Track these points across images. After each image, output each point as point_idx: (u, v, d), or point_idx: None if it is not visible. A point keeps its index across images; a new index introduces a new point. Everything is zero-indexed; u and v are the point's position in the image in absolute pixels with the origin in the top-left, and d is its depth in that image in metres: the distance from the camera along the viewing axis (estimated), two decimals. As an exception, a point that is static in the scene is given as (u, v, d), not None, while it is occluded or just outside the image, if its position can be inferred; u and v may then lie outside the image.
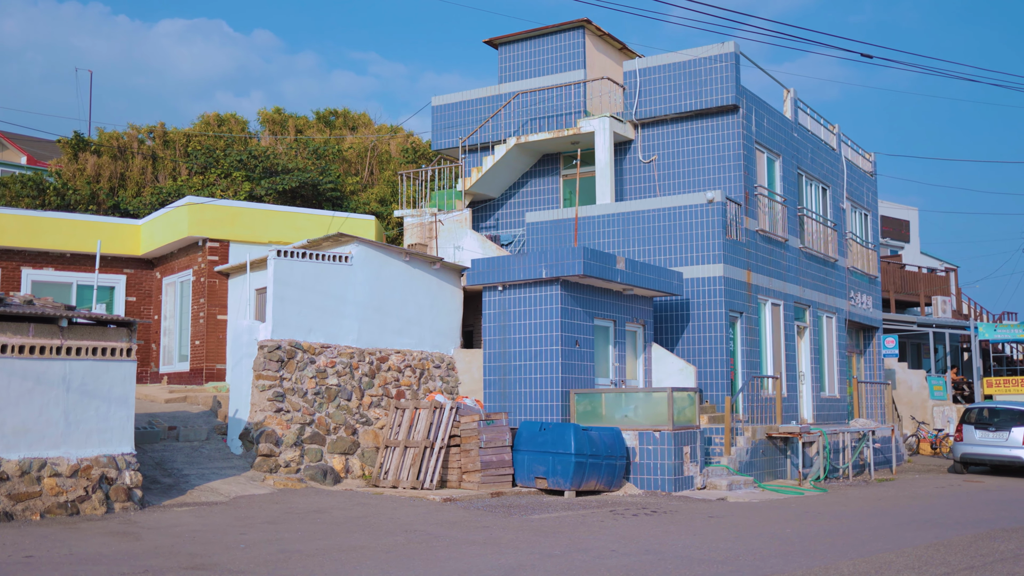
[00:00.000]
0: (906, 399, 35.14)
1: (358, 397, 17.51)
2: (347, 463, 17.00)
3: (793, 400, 24.87)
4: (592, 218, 23.24)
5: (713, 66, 23.21)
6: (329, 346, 17.32)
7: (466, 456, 16.31)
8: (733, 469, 18.64)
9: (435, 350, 19.19)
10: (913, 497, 18.38)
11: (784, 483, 19.74)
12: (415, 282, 18.91)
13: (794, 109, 26.58)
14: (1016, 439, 23.57)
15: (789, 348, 24.92)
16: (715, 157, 23.28)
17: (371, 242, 18.29)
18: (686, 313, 22.00)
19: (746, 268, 22.81)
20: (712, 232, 21.78)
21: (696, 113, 23.50)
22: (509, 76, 26.36)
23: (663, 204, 22.43)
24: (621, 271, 18.79)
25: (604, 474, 16.41)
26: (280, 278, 16.83)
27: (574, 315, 18.46)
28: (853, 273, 30.19)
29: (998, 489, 20.63)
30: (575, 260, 17.75)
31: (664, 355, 20.81)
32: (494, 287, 19.00)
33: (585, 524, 13.12)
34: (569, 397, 18.04)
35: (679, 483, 17.04)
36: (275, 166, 32.16)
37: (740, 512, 14.90)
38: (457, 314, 19.67)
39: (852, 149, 31.87)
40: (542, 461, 16.25)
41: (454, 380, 19.22)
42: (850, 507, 16.23)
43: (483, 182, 25.44)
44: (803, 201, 26.84)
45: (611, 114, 23.64)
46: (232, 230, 22.36)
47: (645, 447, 17.19)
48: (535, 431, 16.49)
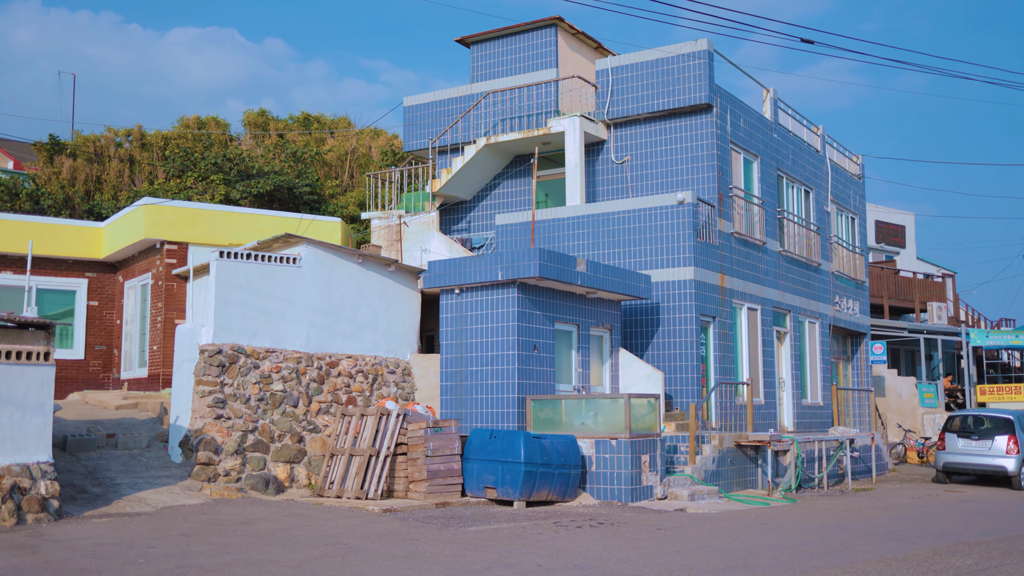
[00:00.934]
0: (896, 407, 34.42)
1: (305, 403, 16.90)
2: (292, 472, 16.38)
3: (772, 408, 24.20)
4: (562, 220, 22.63)
5: (686, 64, 22.60)
6: (275, 350, 16.71)
7: (413, 465, 15.69)
8: (697, 478, 17.98)
9: (390, 355, 18.58)
10: (885, 508, 17.71)
11: (752, 493, 19.08)
12: (369, 285, 18.31)
13: (774, 109, 25.94)
14: (1000, 448, 22.86)
15: (767, 354, 24.25)
16: (688, 158, 22.65)
17: (321, 243, 17.69)
18: (656, 317, 21.36)
19: (720, 271, 22.17)
20: (683, 234, 21.15)
21: (669, 112, 22.88)
22: (481, 76, 25.77)
23: (633, 205, 21.81)
24: (582, 273, 18.17)
25: (557, 484, 15.77)
26: (223, 280, 16.24)
27: (532, 319, 17.84)
28: (838, 278, 29.51)
29: (977, 500, 19.94)
30: (531, 262, 17.14)
31: (632, 360, 20.17)
32: (451, 290, 18.39)
33: (522, 537, 12.49)
34: (526, 404, 17.41)
35: (636, 493, 16.39)
36: (250, 169, 31.61)
37: (693, 524, 14.25)
38: (414, 318, 19.06)
39: (838, 151, 31.21)
40: (492, 470, 15.62)
41: (410, 386, 18.60)
42: (813, 519, 15.57)
43: (454, 184, 24.84)
44: (783, 203, 26.19)
45: (582, 114, 23.04)
46: (191, 232, 21.79)
47: (601, 456, 16.54)
48: (485, 439, 15.86)
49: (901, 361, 42.99)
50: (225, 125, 38.01)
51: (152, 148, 35.15)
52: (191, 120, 37.72)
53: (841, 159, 31.53)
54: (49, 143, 33.72)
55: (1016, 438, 22.79)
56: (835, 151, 30.81)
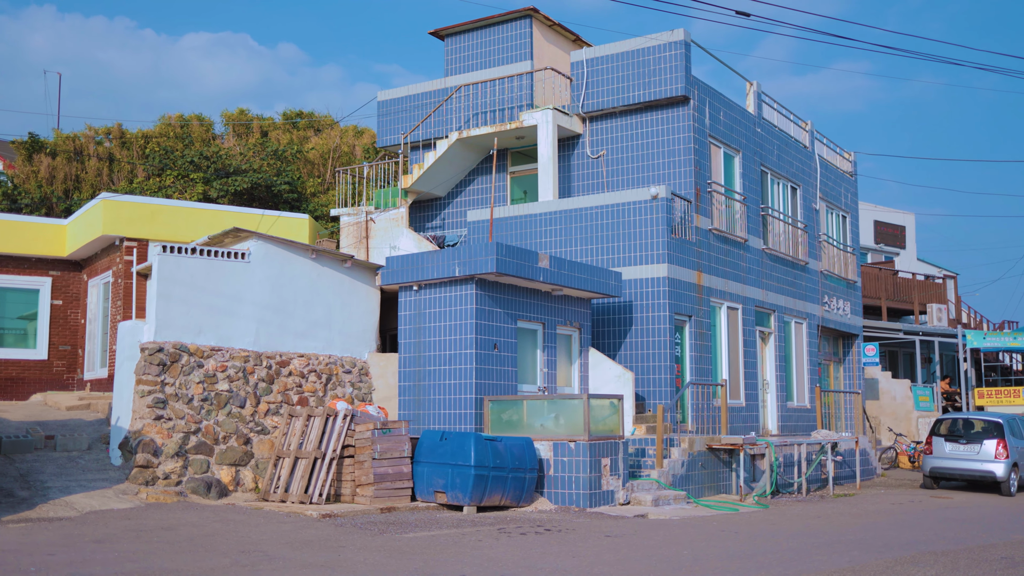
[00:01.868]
0: (890, 410, 33.61)
1: (253, 404, 16.24)
2: (238, 475, 15.72)
3: (754, 410, 23.46)
4: (533, 216, 21.96)
5: (662, 55, 21.90)
6: (221, 349, 16.06)
7: (360, 468, 15.01)
8: (664, 483, 17.27)
9: (346, 354, 17.91)
10: (861, 515, 16.96)
11: (724, 498, 18.35)
12: (324, 281, 17.65)
13: (758, 103, 25.22)
14: (988, 452, 22.06)
15: (749, 355, 23.51)
16: (665, 152, 21.95)
17: (272, 238, 17.04)
18: (629, 316, 20.66)
19: (696, 269, 21.45)
20: (656, 230, 20.45)
21: (646, 105, 22.18)
22: (455, 69, 25.12)
23: (606, 201, 21.11)
24: (544, 270, 17.48)
25: (510, 488, 15.07)
26: (165, 276, 15.60)
27: (492, 316, 17.16)
28: (828, 277, 28.75)
29: (961, 506, 19.18)
30: (488, 257, 16.45)
31: (601, 360, 19.47)
32: (409, 287, 17.72)
33: (458, 544, 11.80)
34: (483, 405, 16.73)
35: (596, 498, 15.68)
36: (228, 167, 31.00)
37: (647, 531, 13.53)
38: (372, 316, 18.39)
39: (828, 147, 30.45)
40: (442, 474, 14.93)
41: (367, 387, 17.93)
42: (778, 526, 14.84)
43: (427, 180, 24.18)
44: (768, 200, 25.45)
45: (555, 107, 22.36)
46: (151, 228, 21.16)
47: (559, 459, 15.84)
48: (436, 441, 15.18)
49: (899, 364, 42.18)
50: (209, 123, 37.46)
51: (132, 147, 34.59)
52: (174, 118, 37.16)
53: (832, 156, 30.76)
54: (28, 141, 33.19)
55: (1005, 442, 21.99)
56: (825, 147, 30.04)
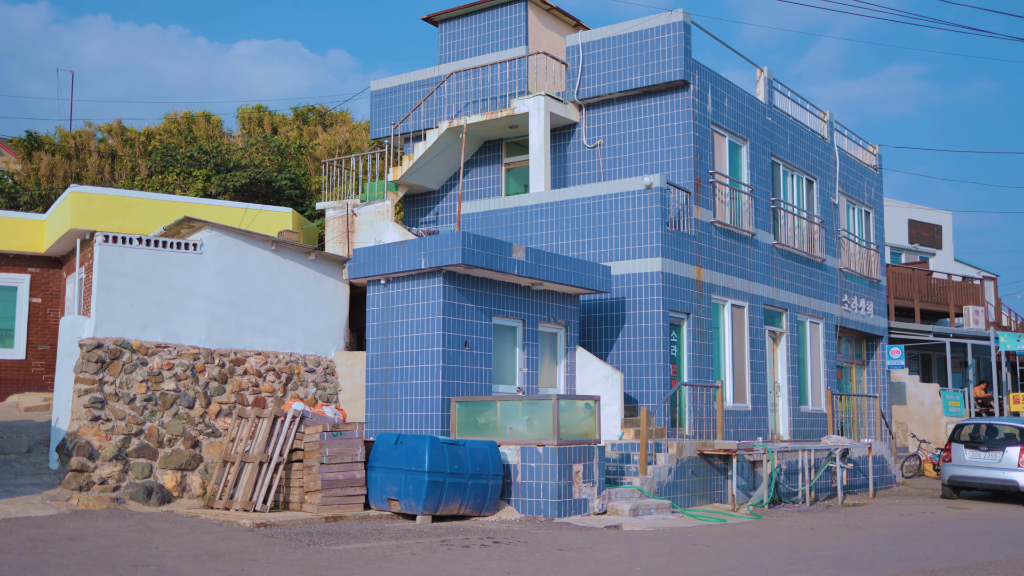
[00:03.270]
0: (918, 415, 32.01)
1: (203, 404, 15.23)
2: (184, 480, 14.72)
3: (761, 414, 22.12)
4: (524, 208, 20.81)
5: (660, 37, 20.67)
6: (167, 345, 15.07)
7: (308, 473, 13.94)
8: (647, 491, 16.02)
9: (310, 352, 16.86)
10: (860, 527, 15.60)
11: (715, 508, 17.05)
12: (285, 275, 16.62)
13: (768, 91, 23.88)
14: (1011, 460, 20.53)
15: (757, 356, 22.17)
16: (664, 140, 20.71)
17: (228, 228, 16.04)
18: (621, 313, 19.44)
19: (695, 264, 20.18)
20: (650, 222, 19.22)
21: (644, 91, 20.96)
22: (449, 56, 24.04)
23: (599, 191, 19.92)
24: (520, 262, 16.32)
25: (471, 496, 13.92)
26: (107, 267, 14.65)
27: (463, 312, 16.03)
28: (848, 275, 27.30)
29: (976, 518, 17.72)
30: (453, 247, 15.33)
31: (589, 360, 18.28)
32: (377, 280, 16.65)
33: (387, 559, 10.67)
34: (450, 406, 15.60)
35: (566, 507, 14.48)
36: (227, 162, 30.16)
37: (608, 544, 12.31)
38: (340, 312, 17.33)
39: (850, 140, 28.99)
40: (395, 480, 13.81)
41: (333, 387, 16.87)
42: (761, 539, 13.55)
43: (418, 172, 23.11)
44: (780, 193, 24.10)
45: (548, 93, 21.19)
46: (123, 222, 20.27)
47: (527, 464, 14.66)
48: (390, 445, 14.06)
49: (932, 368, 40.47)
50: (217, 121, 36.69)
51: (134, 144, 33.89)
52: (181, 116, 36.44)
53: (854, 148, 29.30)
54: (28, 139, 32.60)
55: (1030, 449, 20.47)
56: (845, 139, 28.60)
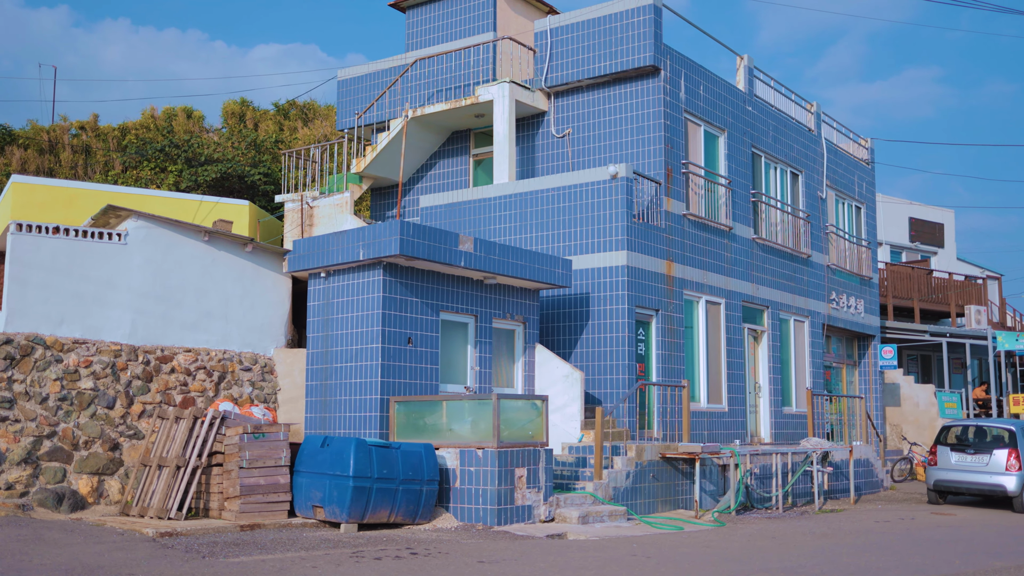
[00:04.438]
0: (912, 417, 30.93)
1: (125, 404, 14.35)
2: (101, 485, 13.84)
3: (739, 416, 21.14)
4: (488, 200, 19.89)
5: (630, 21, 19.73)
6: (86, 341, 14.21)
7: (227, 478, 13.05)
8: (602, 497, 15.07)
9: (246, 349, 15.97)
10: (827, 535, 14.61)
11: (677, 515, 16.09)
12: (220, 267, 15.74)
13: (749, 80, 22.90)
14: (998, 463, 19.49)
15: (735, 355, 21.19)
16: (634, 129, 19.77)
17: (156, 217, 15.17)
18: (585, 310, 18.49)
19: (666, 258, 19.22)
20: (615, 213, 18.28)
21: (614, 77, 20.02)
22: (417, 43, 23.15)
23: (563, 182, 18.99)
24: (468, 254, 15.38)
25: (402, 503, 13.00)
26: (19, 258, 13.81)
27: (407, 307, 15.10)
28: (836, 272, 26.27)
29: (959, 526, 16.70)
30: (391, 238, 14.41)
31: (549, 358, 17.34)
32: (317, 273, 15.75)
33: (286, 572, 9.75)
34: (389, 406, 14.68)
35: (507, 514, 13.54)
36: (198, 156, 29.35)
37: (538, 556, 11.36)
38: (281, 306, 16.44)
39: (839, 132, 27.97)
40: (319, 485, 12.90)
41: (272, 386, 15.97)
42: (712, 550, 12.58)
43: (382, 164, 22.23)
44: (761, 185, 23.11)
45: (513, 80, 20.27)
46: (67, 213, 19.41)
47: (466, 469, 13.73)
48: (316, 447, 13.16)
49: (932, 369, 39.37)
50: (199, 116, 35.92)
51: (108, 139, 33.12)
52: (160, 111, 35.67)
53: (844, 142, 28.29)
54: (0, 133, 31.86)
55: (1018, 452, 19.41)
56: (835, 131, 27.58)
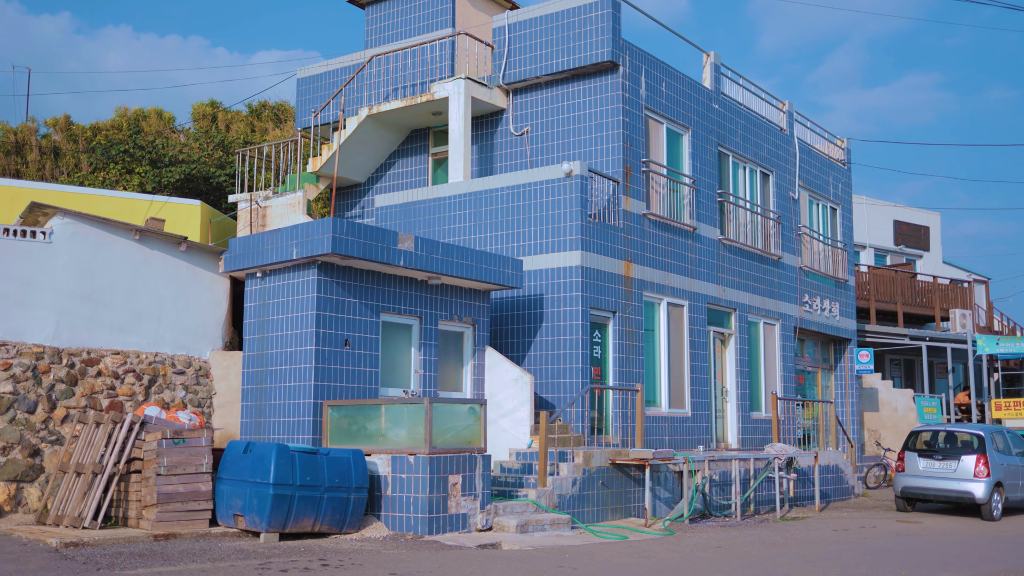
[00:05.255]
0: (891, 423, 30.44)
1: (47, 409, 13.84)
2: (19, 493, 13.33)
3: (703, 421, 20.61)
4: (442, 200, 19.39)
5: (588, 16, 19.25)
6: (6, 343, 13.70)
7: (145, 486, 12.54)
8: (545, 505, 14.55)
9: (180, 352, 15.46)
10: (778, 545, 14.09)
11: (626, 524, 15.56)
12: (152, 267, 15.24)
13: (715, 77, 22.41)
14: (966, 470, 18.98)
15: (699, 358, 20.68)
16: (592, 126, 19.28)
17: (83, 215, 14.67)
18: (539, 311, 17.99)
19: (624, 259, 18.72)
20: (569, 212, 17.78)
21: (572, 74, 19.54)
22: (376, 40, 22.68)
23: (517, 180, 18.50)
24: (408, 253, 14.87)
25: (327, 511, 12.47)
26: (-65, 256, 13.30)
27: (344, 307, 14.59)
28: (810, 274, 25.77)
29: (919, 535, 16.18)
30: (323, 236, 13.90)
31: (499, 361, 16.83)
32: (254, 273, 15.24)
33: (177, 585, 9.26)
34: (323, 411, 14.16)
35: (440, 523, 13.02)
36: (163, 157, 28.86)
37: (454, 568, 10.83)
38: (218, 308, 15.93)
39: (814, 132, 27.48)
40: (240, 493, 12.38)
41: (207, 390, 15.46)
42: (649, 560, 12.06)
43: (341, 163, 21.74)
44: (728, 185, 22.60)
45: (469, 76, 19.78)
46: (12, 213, 18.93)
47: (398, 475, 13.21)
48: (239, 453, 12.64)
49: (916, 374, 38.85)
50: (169, 117, 35.42)
51: (79, 139, 32.64)
52: (132, 112, 35.16)
53: (818, 142, 27.80)
54: (-36, 134, 31.43)
55: (987, 458, 18.91)
56: (808, 131, 27.10)
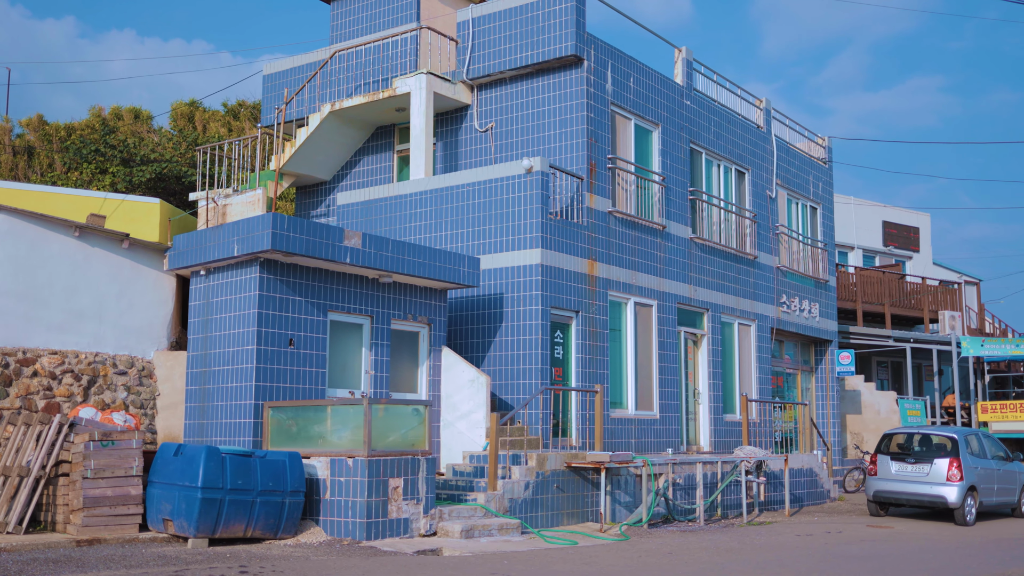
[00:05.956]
0: (873, 425, 29.98)
1: (-22, 410, 13.45)
2: (-53, 496, 12.90)
3: (672, 424, 20.20)
4: (403, 197, 18.98)
5: (552, 9, 18.85)
6: (-65, 342, 13.31)
7: (72, 489, 12.12)
8: (495, 510, 14.12)
9: (123, 352, 15.05)
10: (733, 551, 13.66)
11: (583, 529, 15.13)
12: (94, 265, 14.84)
13: (688, 73, 22.00)
14: (939, 473, 18.53)
15: (669, 359, 20.25)
16: (557, 122, 18.88)
17: (18, 211, 14.27)
18: (499, 311, 17.58)
19: (588, 257, 18.31)
20: (529, 209, 17.37)
21: (537, 68, 19.14)
22: (341, 36, 22.28)
23: (478, 177, 18.10)
24: (355, 250, 14.46)
25: (261, 516, 12.05)
26: None
27: (289, 306, 14.17)
28: (788, 274, 25.35)
29: (889, 539, 15.74)
30: (263, 232, 13.48)
31: (456, 362, 16.41)
32: (198, 271, 14.83)
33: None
34: (263, 412, 13.74)
35: (379, 528, 12.59)
36: (134, 157, 28.48)
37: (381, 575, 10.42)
38: (163, 307, 15.52)
39: (793, 130, 27.07)
40: (169, 496, 11.97)
41: (150, 390, 15.05)
42: (591, 568, 11.62)
43: (304, 160, 21.36)
44: (701, 183, 22.19)
45: (431, 71, 19.37)
46: (-39, 212, 18.53)
47: (336, 479, 12.79)
48: (170, 456, 12.23)
49: (904, 377, 38.40)
50: (147, 116, 35.04)
51: (53, 139, 32.26)
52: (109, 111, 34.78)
53: (798, 140, 27.39)
54: (-65, 133, 31.06)
55: (960, 461, 18.47)
56: (787, 129, 26.68)
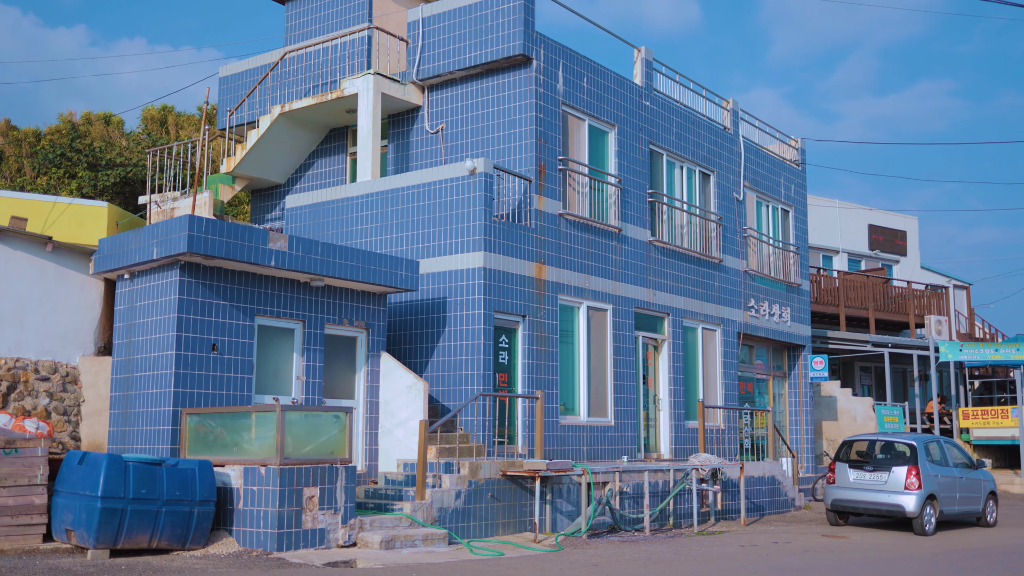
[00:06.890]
0: (849, 431, 29.55)
1: None
2: None
3: (630, 430, 19.80)
4: (349, 200, 18.65)
5: (500, 8, 18.52)
6: None
7: (-27, 499, 11.78)
8: (423, 520, 13.74)
9: (46, 357, 14.73)
10: (665, 563, 13.26)
11: (519, 539, 14.74)
12: (14, 268, 14.53)
13: (647, 73, 21.64)
14: (897, 482, 18.10)
15: (625, 364, 19.86)
16: (506, 123, 18.53)
17: (-66, 214, 13.97)
18: (441, 316, 17.22)
19: (536, 260, 17.94)
20: (472, 211, 17.02)
21: (486, 69, 18.81)
22: (295, 37, 21.96)
23: (421, 179, 17.76)
24: (280, 253, 14.10)
25: (167, 526, 11.69)
26: None
27: (211, 310, 13.82)
28: (756, 278, 24.94)
29: (839, 550, 15.33)
30: (180, 234, 13.14)
31: (394, 368, 16.04)
32: (123, 275, 14.50)
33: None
34: (181, 419, 13.39)
35: (293, 538, 12.22)
36: (99, 161, 28.23)
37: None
38: (90, 311, 15.19)
39: (763, 132, 26.67)
40: (71, 506, 11.62)
41: (74, 397, 14.72)
42: (504, 579, 11.27)
43: (256, 163, 21.04)
44: (662, 185, 21.81)
45: (379, 72, 19.05)
46: (-100, 216, 18.26)
47: (250, 488, 12.42)
48: (74, 464, 11.88)
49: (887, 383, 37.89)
50: (118, 122, 34.80)
51: (22, 144, 32.05)
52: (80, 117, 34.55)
53: (768, 141, 26.99)
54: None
55: (918, 469, 18.05)
56: (756, 130, 26.28)
